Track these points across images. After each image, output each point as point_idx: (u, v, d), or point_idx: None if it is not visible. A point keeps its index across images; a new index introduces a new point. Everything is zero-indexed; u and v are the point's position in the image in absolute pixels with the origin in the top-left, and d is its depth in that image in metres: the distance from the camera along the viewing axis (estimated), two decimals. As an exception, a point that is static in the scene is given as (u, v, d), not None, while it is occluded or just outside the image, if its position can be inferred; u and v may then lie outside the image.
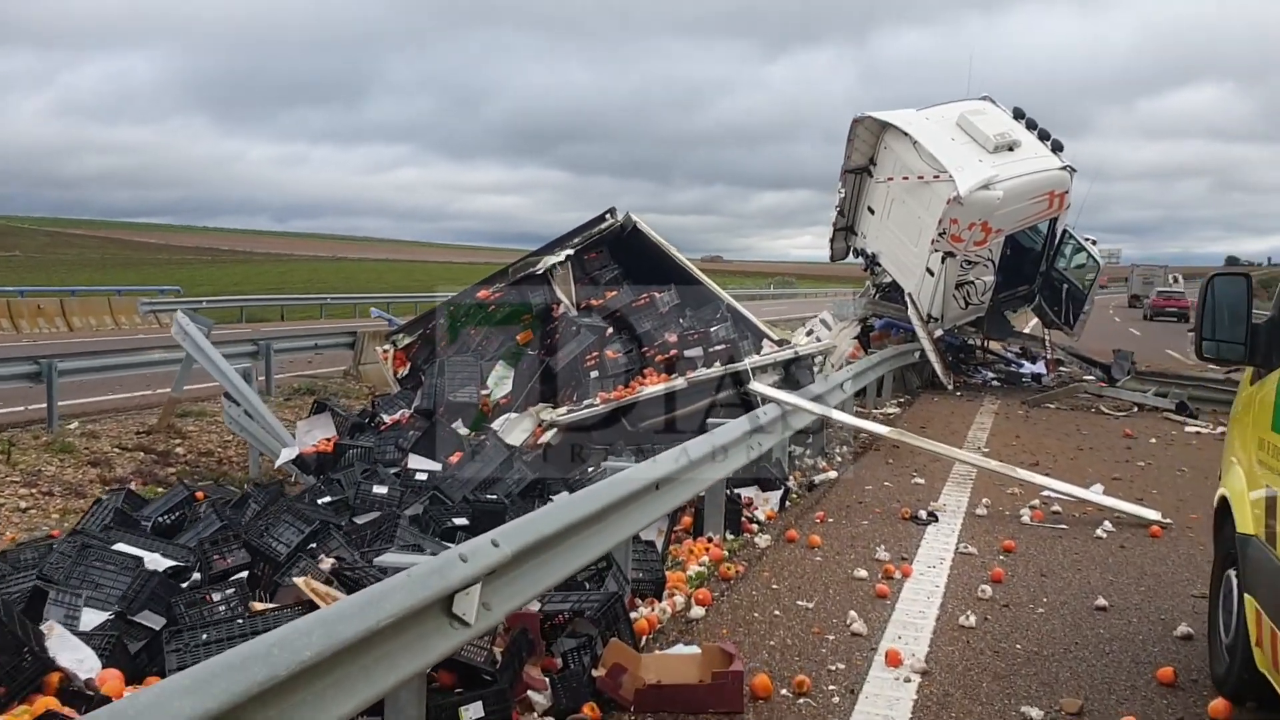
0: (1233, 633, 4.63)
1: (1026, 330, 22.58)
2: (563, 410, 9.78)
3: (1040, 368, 19.63)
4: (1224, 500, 4.99)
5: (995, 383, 18.54)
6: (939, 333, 17.82)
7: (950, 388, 17.09)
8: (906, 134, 17.15)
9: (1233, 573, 4.72)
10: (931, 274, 17.29)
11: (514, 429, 9.79)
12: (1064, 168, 16.89)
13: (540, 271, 11.94)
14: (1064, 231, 18.00)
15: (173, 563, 6.44)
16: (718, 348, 10.06)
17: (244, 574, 5.92)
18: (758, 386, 8.57)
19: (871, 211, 18.73)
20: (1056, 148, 17.20)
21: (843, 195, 18.85)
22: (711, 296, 12.32)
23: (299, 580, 4.26)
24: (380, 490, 8.12)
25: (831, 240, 19.73)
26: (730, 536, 7.39)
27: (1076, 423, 13.88)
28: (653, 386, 9.70)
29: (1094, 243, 17.96)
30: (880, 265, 19.04)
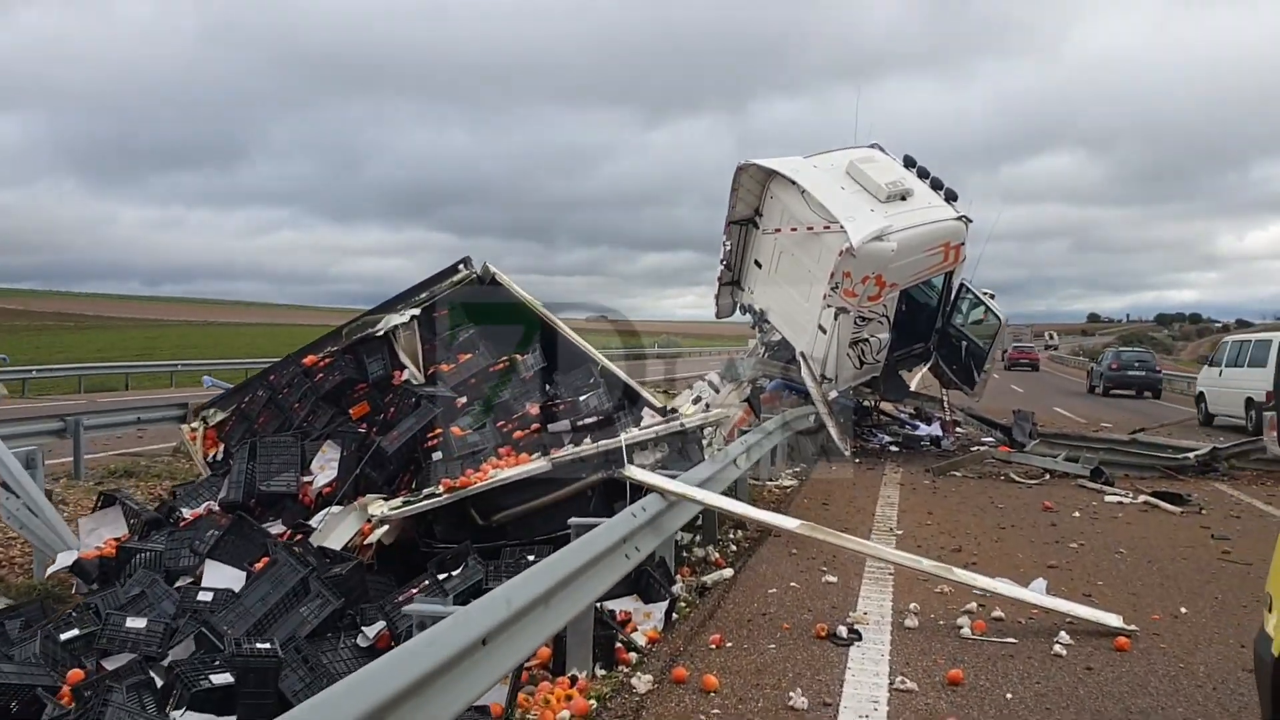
0: None
1: (913, 388, 21.63)
2: (396, 502, 7.92)
3: (937, 429, 18.56)
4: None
5: (893, 448, 17.33)
6: (833, 394, 16.55)
7: (848, 454, 15.77)
8: (794, 182, 15.99)
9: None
10: (824, 331, 16.05)
11: (335, 527, 7.88)
12: (959, 218, 15.93)
13: (380, 332, 10.13)
14: (960, 285, 17.02)
15: None
16: (588, 420, 8.37)
17: None
18: (634, 473, 6.88)
19: (759, 265, 17.45)
20: (950, 197, 16.26)
21: (728, 248, 17.54)
22: (585, 358, 10.65)
23: None
24: (136, 625, 6.13)
25: (717, 296, 18.37)
26: (601, 673, 5.67)
27: (989, 494, 12.61)
28: (508, 470, 7.93)
29: (992, 297, 17.01)
30: (769, 322, 17.74)
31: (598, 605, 6.11)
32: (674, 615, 6.77)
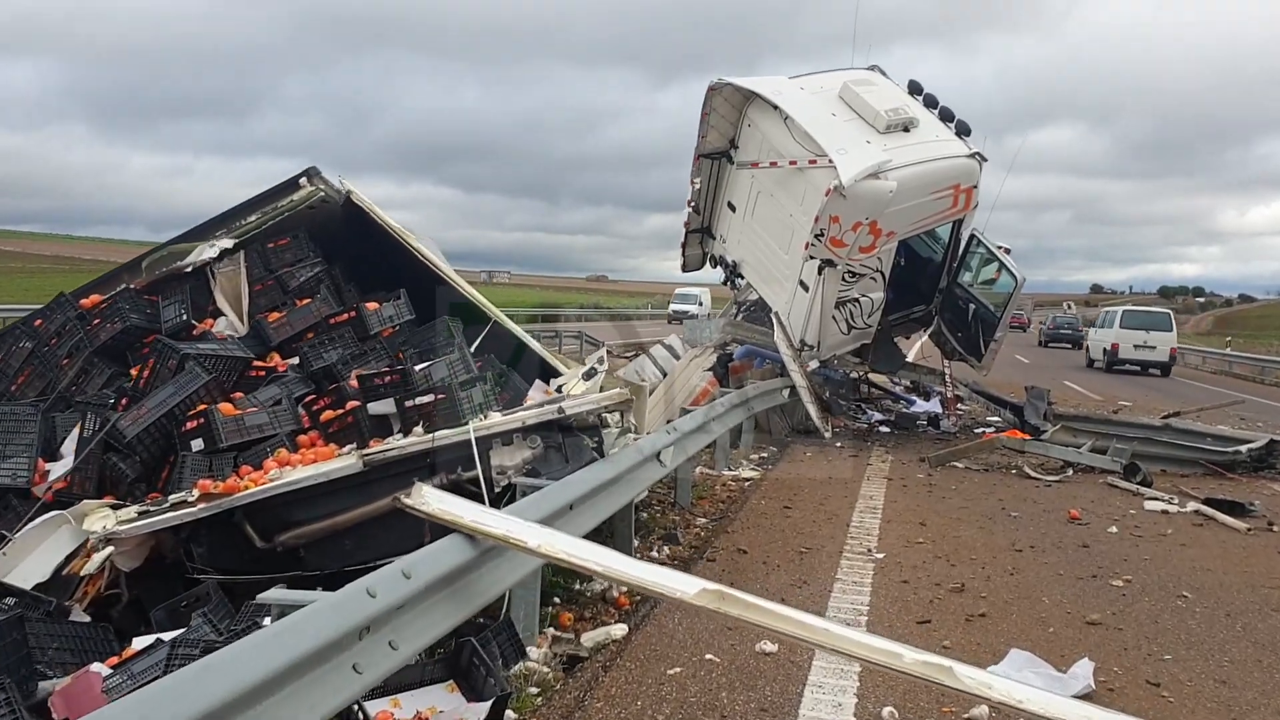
0: None
1: (910, 358, 19.07)
2: (130, 513, 5.36)
3: (935, 406, 15.99)
4: None
5: (883, 428, 14.75)
6: (814, 364, 13.96)
7: (828, 436, 13.22)
8: (776, 107, 13.27)
9: None
10: (806, 288, 13.46)
11: (35, 547, 5.30)
12: (972, 155, 13.22)
13: (189, 267, 7.52)
14: (971, 237, 14.33)
15: None
16: (421, 401, 5.76)
17: None
18: (427, 498, 4.17)
19: (732, 208, 14.79)
20: (962, 130, 13.52)
21: (697, 186, 14.85)
22: (478, 314, 8.04)
23: None
24: None
25: (684, 245, 15.70)
26: None
27: (999, 494, 10.04)
28: (299, 470, 5.37)
29: (1008, 252, 14.31)
30: (743, 277, 15.12)
31: (358, 709, 3.59)
32: (506, 716, 4.23)
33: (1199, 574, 7.24)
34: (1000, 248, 14.16)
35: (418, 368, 6.16)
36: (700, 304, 56.77)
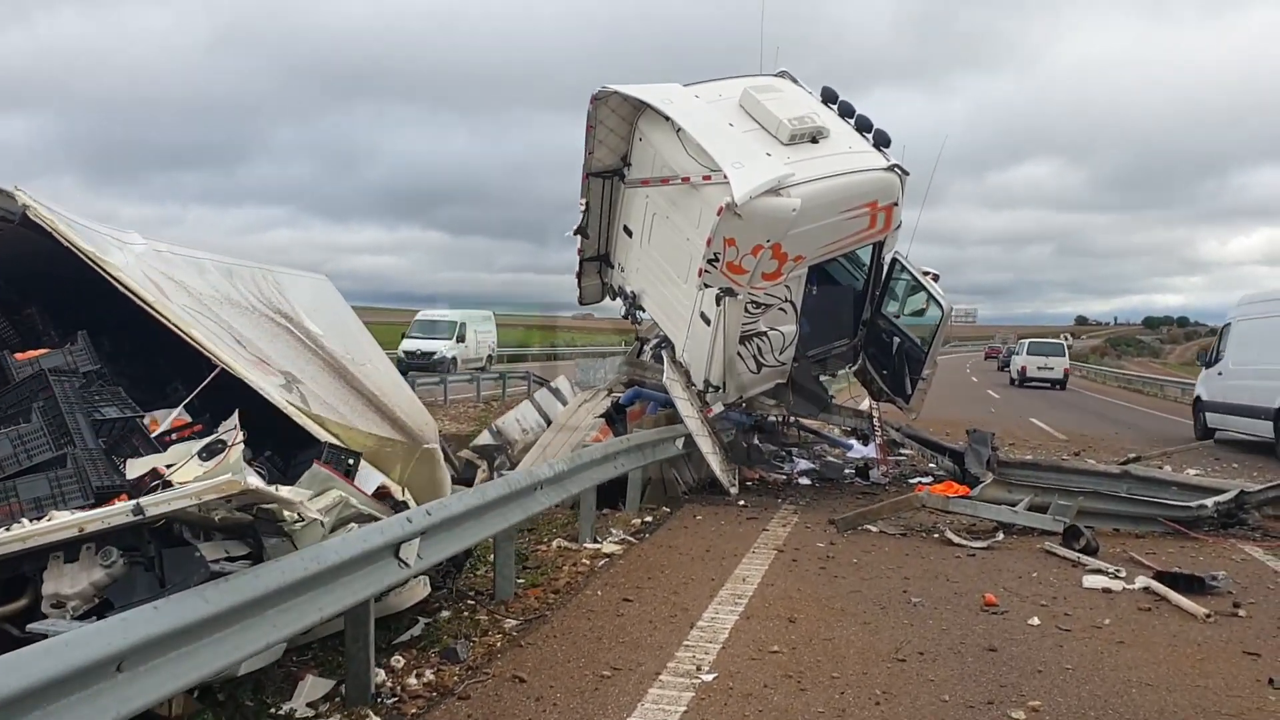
0: None
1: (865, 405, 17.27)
2: None
3: (871, 451, 14.21)
4: None
5: (806, 479, 12.93)
6: (719, 408, 12.17)
7: (734, 492, 11.41)
8: (667, 118, 11.62)
9: None
10: (707, 321, 11.70)
11: None
12: (890, 168, 11.56)
13: None
14: (893, 262, 12.63)
15: None
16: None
17: None
18: None
19: (629, 233, 13.08)
20: (881, 141, 11.88)
21: (586, 209, 13.15)
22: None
23: None
24: None
25: (579, 275, 13.97)
26: None
27: (906, 570, 8.21)
28: None
29: (936, 279, 12.58)
30: (644, 310, 13.39)
31: None
32: None
33: (1135, 692, 5.43)
34: (927, 274, 12.44)
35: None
36: (460, 340, 38.55)
